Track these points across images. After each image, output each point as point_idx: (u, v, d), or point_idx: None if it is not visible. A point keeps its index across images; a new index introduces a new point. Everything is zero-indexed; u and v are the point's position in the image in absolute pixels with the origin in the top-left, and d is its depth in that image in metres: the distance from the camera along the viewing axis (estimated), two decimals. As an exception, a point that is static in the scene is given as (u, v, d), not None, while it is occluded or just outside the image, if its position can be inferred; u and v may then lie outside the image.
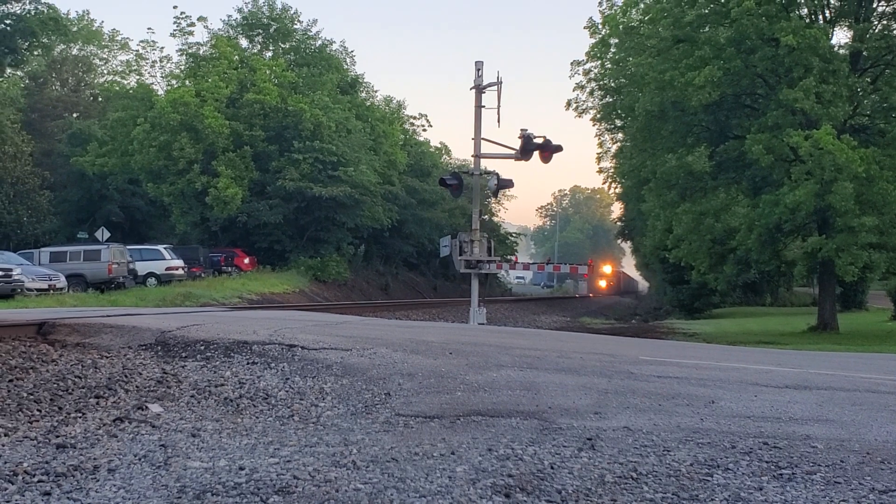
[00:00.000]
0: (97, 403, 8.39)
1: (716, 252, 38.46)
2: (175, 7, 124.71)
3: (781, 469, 5.96)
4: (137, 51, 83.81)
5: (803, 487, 5.50)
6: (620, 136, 62.52)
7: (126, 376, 9.69)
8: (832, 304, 39.39)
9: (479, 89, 28.71)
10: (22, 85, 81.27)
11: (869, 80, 36.64)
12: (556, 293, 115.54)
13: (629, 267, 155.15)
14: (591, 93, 60.62)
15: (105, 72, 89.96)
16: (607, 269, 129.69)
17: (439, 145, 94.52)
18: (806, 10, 37.60)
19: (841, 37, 39.44)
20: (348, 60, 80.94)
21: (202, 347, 11.35)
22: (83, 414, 7.91)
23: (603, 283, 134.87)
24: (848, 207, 32.09)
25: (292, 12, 75.83)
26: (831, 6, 38.06)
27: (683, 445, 6.65)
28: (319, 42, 77.37)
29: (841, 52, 36.75)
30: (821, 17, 37.69)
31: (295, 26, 76.31)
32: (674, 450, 6.49)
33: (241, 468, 5.84)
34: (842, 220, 32.71)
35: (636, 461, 6.12)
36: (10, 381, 9.31)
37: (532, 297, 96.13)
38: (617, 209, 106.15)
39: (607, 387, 9.64)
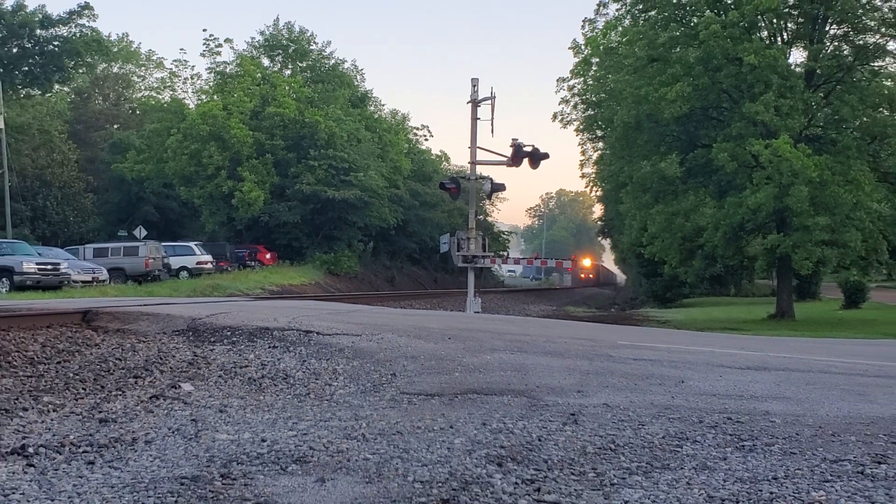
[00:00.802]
0: (135, 383, 8.40)
1: (686, 248, 38.40)
2: (205, 30, 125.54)
3: (743, 441, 5.97)
4: (171, 69, 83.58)
5: (763, 457, 5.51)
6: (601, 144, 62.43)
7: (161, 359, 9.70)
8: (789, 295, 39.36)
9: (475, 103, 28.67)
10: (68, 99, 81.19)
11: (822, 95, 36.58)
12: (544, 285, 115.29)
13: (609, 262, 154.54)
14: (575, 106, 60.72)
15: (142, 88, 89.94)
16: (587, 262, 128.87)
17: (439, 153, 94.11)
18: (766, 33, 37.54)
19: (797, 56, 39.41)
20: (358, 77, 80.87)
21: (229, 333, 11.36)
22: (123, 392, 7.92)
23: (582, 276, 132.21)
24: (803, 209, 32.08)
25: (309, 34, 75.82)
26: (788, 29, 37.99)
27: (656, 420, 6.66)
28: (333, 61, 77.34)
29: (797, 70, 36.70)
30: (779, 38, 37.64)
31: (311, 47, 76.21)
32: (648, 424, 6.50)
33: (263, 440, 5.86)
34: (798, 219, 32.70)
35: (614, 434, 6.13)
36: (58, 363, 9.33)
37: (522, 288, 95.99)
38: (598, 210, 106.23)
39: (589, 368, 9.64)
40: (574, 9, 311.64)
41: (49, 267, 35.86)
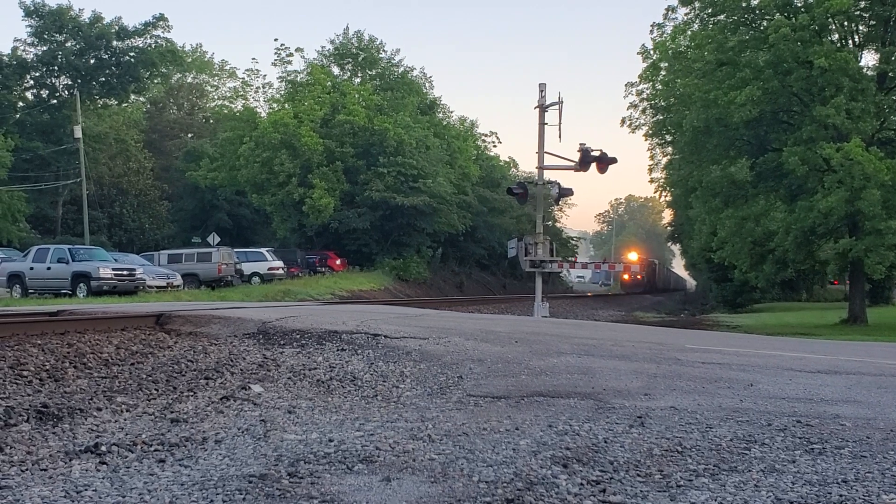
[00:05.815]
0: (206, 384, 8.50)
1: (756, 253, 37.98)
2: (276, 39, 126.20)
3: (813, 444, 5.88)
4: (243, 78, 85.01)
5: (832, 460, 5.42)
6: (670, 149, 61.82)
7: (232, 361, 9.80)
8: (862, 299, 38.67)
9: (543, 108, 28.64)
10: (144, 109, 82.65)
11: (895, 97, 35.99)
12: (614, 290, 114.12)
13: (679, 267, 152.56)
14: (644, 111, 60.24)
15: (215, 97, 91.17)
16: (633, 255, 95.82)
17: (508, 159, 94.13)
18: (837, 36, 37.01)
19: (868, 59, 38.72)
20: (427, 85, 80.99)
21: (298, 336, 11.45)
22: (194, 393, 8.02)
23: (626, 276, 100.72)
24: (875, 212, 31.58)
25: (378, 43, 76.24)
26: (860, 32, 37.40)
27: (724, 423, 6.58)
28: (402, 69, 77.62)
29: (868, 72, 36.13)
30: (850, 41, 37.06)
31: (380, 55, 76.56)
32: (715, 427, 6.43)
33: (331, 440, 5.89)
34: (870, 223, 32.19)
35: (681, 437, 6.07)
36: (132, 364, 9.47)
37: (591, 294, 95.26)
38: (667, 215, 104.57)
39: (656, 371, 9.56)
40: (642, 13, 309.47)
41: (125, 272, 36.51)
